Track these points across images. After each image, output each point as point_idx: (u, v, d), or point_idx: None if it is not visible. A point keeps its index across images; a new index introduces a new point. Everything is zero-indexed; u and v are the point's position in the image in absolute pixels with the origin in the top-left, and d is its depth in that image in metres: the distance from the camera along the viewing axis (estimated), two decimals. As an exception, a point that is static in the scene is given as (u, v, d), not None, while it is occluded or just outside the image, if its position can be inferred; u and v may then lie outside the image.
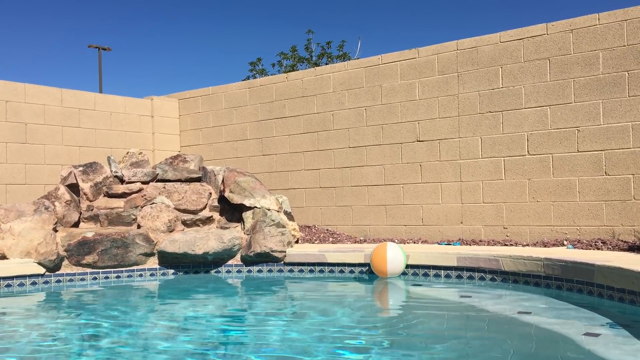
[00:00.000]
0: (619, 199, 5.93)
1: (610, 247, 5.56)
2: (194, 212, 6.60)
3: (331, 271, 5.88)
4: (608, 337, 3.34)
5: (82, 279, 5.78)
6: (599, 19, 6.07)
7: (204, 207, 6.70)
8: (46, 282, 5.58)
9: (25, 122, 8.02)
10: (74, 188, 6.56)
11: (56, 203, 6.19)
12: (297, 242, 6.61)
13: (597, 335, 3.37)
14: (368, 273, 5.72)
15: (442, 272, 5.44)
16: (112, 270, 5.88)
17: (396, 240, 6.92)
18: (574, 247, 5.75)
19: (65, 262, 5.77)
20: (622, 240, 5.76)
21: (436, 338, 3.54)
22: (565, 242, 6.00)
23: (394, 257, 5.40)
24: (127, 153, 7.20)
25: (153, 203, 6.29)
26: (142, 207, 6.34)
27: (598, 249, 5.58)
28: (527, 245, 6.15)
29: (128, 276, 5.93)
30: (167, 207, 6.27)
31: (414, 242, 6.82)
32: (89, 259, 5.79)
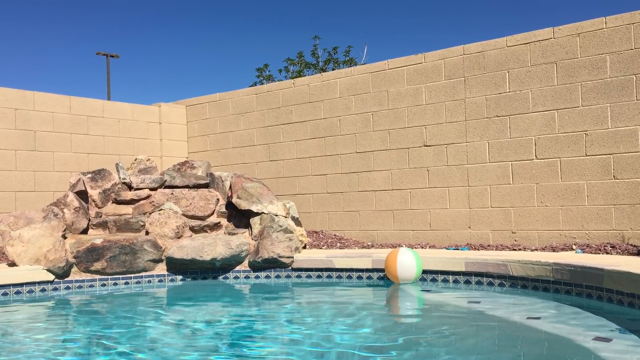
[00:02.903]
0: (628, 202, 5.90)
1: (619, 251, 5.53)
2: (202, 218, 6.62)
3: (339, 277, 5.87)
4: (618, 343, 3.32)
5: (91, 286, 5.80)
6: (605, 23, 6.05)
7: (212, 213, 6.72)
8: (55, 289, 5.61)
9: (34, 129, 8.08)
10: (82, 195, 6.60)
11: (65, 210, 6.22)
12: (304, 247, 6.62)
13: (607, 340, 3.35)
14: (376, 278, 5.71)
15: (451, 278, 5.42)
16: (120, 276, 5.91)
17: (404, 245, 6.91)
18: (583, 252, 5.72)
19: (74, 268, 5.79)
20: (631, 245, 5.72)
21: (444, 344, 3.53)
22: (574, 247, 5.97)
23: (407, 262, 5.37)
24: (135, 160, 7.23)
25: (161, 209, 6.32)
26: (150, 214, 6.36)
27: (607, 253, 5.55)
28: (536, 249, 6.12)
29: (136, 282, 5.95)
30: (175, 214, 6.30)
31: (422, 247, 6.81)
32: (97, 265, 5.82)
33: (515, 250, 6.18)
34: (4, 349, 3.58)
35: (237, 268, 6.16)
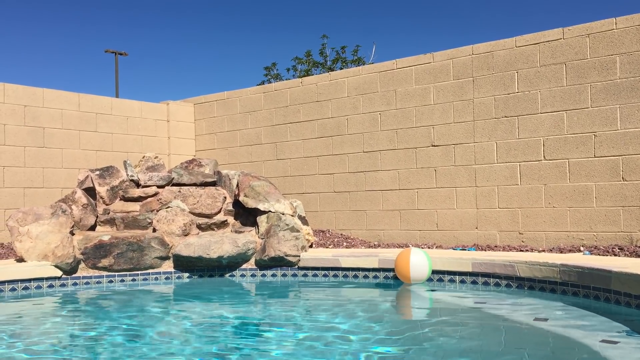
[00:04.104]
0: (637, 204, 5.86)
1: (627, 253, 5.50)
2: (209, 216, 6.64)
3: (345, 276, 5.87)
4: (625, 345, 3.30)
5: (98, 282, 5.83)
6: (615, 24, 6.02)
7: (219, 211, 6.73)
8: (63, 285, 5.64)
9: (43, 126, 8.12)
10: (90, 192, 6.63)
11: (73, 206, 6.25)
12: (311, 246, 6.62)
13: (614, 342, 3.34)
14: (382, 278, 5.70)
15: (457, 278, 5.41)
16: (127, 273, 5.93)
17: (411, 245, 6.90)
18: (591, 253, 5.69)
19: (82, 265, 5.82)
20: (639, 247, 5.69)
21: (450, 345, 3.53)
22: (581, 248, 5.95)
23: (419, 263, 5.35)
24: (143, 157, 7.26)
25: (168, 207, 6.33)
26: (157, 211, 6.38)
27: (615, 255, 5.52)
28: (543, 251, 6.10)
29: (143, 279, 5.97)
30: (182, 211, 6.31)
31: (429, 248, 6.80)
32: (105, 262, 5.84)
33: (522, 251, 6.16)
34: (11, 343, 3.61)
35: (244, 266, 6.17)
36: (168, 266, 6.10)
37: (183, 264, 6.09)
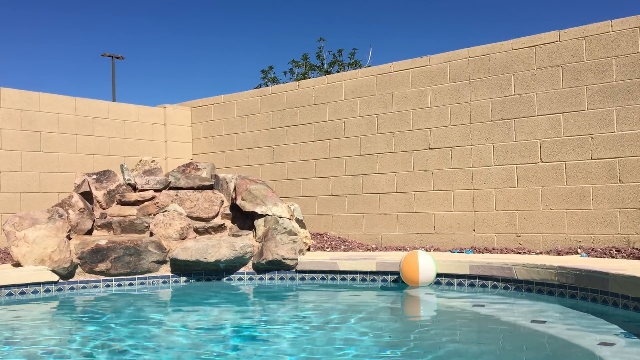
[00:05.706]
0: (634, 206, 5.87)
1: (624, 255, 5.51)
2: (206, 220, 6.63)
3: (343, 279, 5.87)
4: (623, 347, 3.31)
5: (95, 287, 5.81)
6: (611, 26, 6.04)
7: (216, 215, 6.72)
8: (60, 290, 5.62)
9: (39, 130, 8.11)
10: (87, 196, 6.61)
11: (70, 211, 6.24)
12: (308, 249, 6.61)
13: (611, 344, 3.34)
14: (380, 281, 5.70)
15: (455, 281, 5.41)
16: (124, 277, 5.92)
17: (408, 248, 6.90)
18: (588, 256, 5.70)
19: (79, 269, 5.81)
20: (637, 249, 5.70)
21: (448, 348, 3.52)
22: (579, 250, 5.95)
23: (427, 266, 5.33)
24: (140, 161, 7.24)
25: (165, 211, 6.32)
26: (154, 215, 6.37)
27: (612, 257, 5.53)
28: (541, 253, 6.11)
29: (141, 284, 5.95)
30: (180, 215, 6.30)
31: (426, 250, 6.79)
32: (102, 266, 5.83)
33: (519, 253, 6.16)
34: (7, 348, 3.59)
35: (241, 270, 6.17)
36: (165, 270, 6.09)
37: (180, 268, 6.08)
